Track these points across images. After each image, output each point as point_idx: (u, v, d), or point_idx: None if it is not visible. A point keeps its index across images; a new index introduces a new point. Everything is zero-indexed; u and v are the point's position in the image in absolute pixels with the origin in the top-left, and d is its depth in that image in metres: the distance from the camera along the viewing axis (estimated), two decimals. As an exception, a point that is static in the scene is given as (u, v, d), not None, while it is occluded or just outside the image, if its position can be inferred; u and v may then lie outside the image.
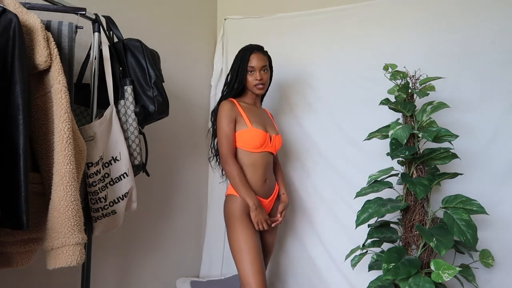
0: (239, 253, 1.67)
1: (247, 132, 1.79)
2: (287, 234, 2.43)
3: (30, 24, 1.10)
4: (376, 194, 1.76)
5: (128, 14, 1.96)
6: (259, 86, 1.86)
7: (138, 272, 2.03)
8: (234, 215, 1.74)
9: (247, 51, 1.88)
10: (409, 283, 1.51)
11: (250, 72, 1.85)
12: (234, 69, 1.89)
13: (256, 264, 1.64)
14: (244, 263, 1.65)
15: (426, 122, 1.72)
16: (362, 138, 1.90)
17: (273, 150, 1.89)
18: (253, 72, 1.85)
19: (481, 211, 1.54)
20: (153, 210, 2.14)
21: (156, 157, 2.02)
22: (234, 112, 1.81)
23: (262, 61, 1.87)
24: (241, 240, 1.69)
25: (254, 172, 1.80)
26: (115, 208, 1.42)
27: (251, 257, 1.65)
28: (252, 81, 1.86)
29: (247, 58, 1.85)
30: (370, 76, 2.17)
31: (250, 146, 1.80)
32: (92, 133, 1.32)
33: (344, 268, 2.13)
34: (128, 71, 1.49)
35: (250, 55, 1.86)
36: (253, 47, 1.90)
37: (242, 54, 1.88)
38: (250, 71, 1.85)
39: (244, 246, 1.67)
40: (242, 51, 1.90)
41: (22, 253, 1.14)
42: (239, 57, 1.88)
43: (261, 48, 1.92)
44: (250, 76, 1.86)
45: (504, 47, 2.01)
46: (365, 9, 2.33)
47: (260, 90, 1.89)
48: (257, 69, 1.85)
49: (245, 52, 1.87)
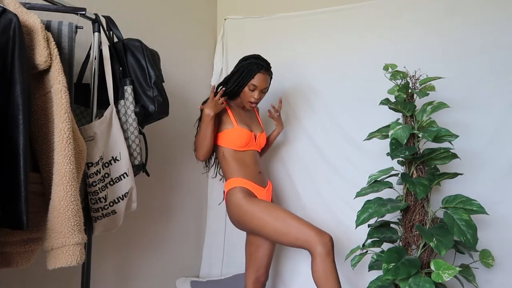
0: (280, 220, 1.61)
1: (232, 132, 1.81)
2: (287, 234, 2.43)
3: (30, 24, 1.10)
4: (376, 194, 1.76)
5: (128, 14, 1.96)
6: (253, 104, 1.87)
7: (138, 272, 2.03)
8: (241, 203, 1.72)
9: (255, 66, 1.82)
10: (409, 283, 1.51)
11: (250, 89, 1.84)
12: (236, 77, 1.85)
13: (300, 219, 1.62)
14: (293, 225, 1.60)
15: (426, 122, 1.72)
16: (362, 138, 1.90)
17: (258, 148, 1.92)
18: (253, 91, 1.84)
19: (481, 211, 1.54)
20: (153, 210, 2.14)
21: (156, 157, 2.02)
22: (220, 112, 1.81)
23: (265, 82, 1.85)
24: (267, 209, 1.65)
25: (247, 170, 1.82)
26: (115, 208, 1.42)
27: (292, 215, 1.62)
28: (248, 97, 1.85)
29: (252, 75, 1.81)
30: (370, 76, 2.17)
31: (236, 145, 1.82)
32: (92, 133, 1.32)
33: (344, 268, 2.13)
34: (128, 71, 1.49)
35: (256, 73, 1.82)
36: (262, 65, 1.84)
37: (248, 67, 1.83)
38: (251, 89, 1.84)
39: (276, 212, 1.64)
40: (249, 64, 1.83)
41: (22, 253, 1.14)
42: (244, 69, 1.83)
43: (269, 67, 1.88)
44: (249, 91, 1.84)
45: (504, 47, 2.01)
46: (365, 9, 2.33)
47: (251, 108, 1.90)
48: (258, 89, 1.83)
49: (253, 67, 1.82)
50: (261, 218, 1.65)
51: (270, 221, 1.62)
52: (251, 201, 1.72)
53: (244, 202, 1.71)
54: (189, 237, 2.48)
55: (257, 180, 1.83)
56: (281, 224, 1.60)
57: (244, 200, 1.72)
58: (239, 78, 1.83)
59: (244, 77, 1.82)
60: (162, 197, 2.23)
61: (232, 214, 1.78)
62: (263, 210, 1.66)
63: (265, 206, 1.68)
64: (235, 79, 1.85)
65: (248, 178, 1.80)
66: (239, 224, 1.78)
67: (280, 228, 1.60)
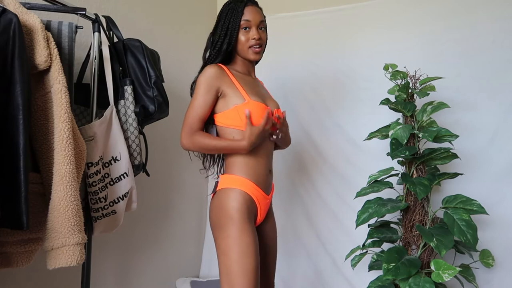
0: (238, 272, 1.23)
1: (245, 107, 1.35)
2: (287, 234, 2.43)
3: (30, 24, 1.10)
4: (376, 194, 1.76)
5: (128, 14, 1.96)
6: (256, 47, 1.41)
7: (138, 272, 2.03)
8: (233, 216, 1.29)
9: (239, 2, 1.41)
10: (409, 283, 1.51)
11: (244, 29, 1.40)
12: (221, 25, 1.42)
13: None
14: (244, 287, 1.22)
15: (426, 122, 1.72)
16: (362, 138, 1.90)
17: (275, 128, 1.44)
18: (248, 29, 1.40)
19: (481, 211, 1.54)
20: (153, 210, 2.14)
21: (156, 157, 2.02)
22: (219, 81, 1.37)
23: (259, 14, 1.43)
24: (237, 253, 1.24)
25: (256, 166, 1.38)
26: (115, 208, 1.42)
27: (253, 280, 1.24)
28: (246, 41, 1.40)
29: (240, 11, 1.40)
30: (370, 76, 2.17)
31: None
32: (92, 133, 1.32)
33: (344, 268, 2.13)
34: (128, 71, 1.49)
35: (244, 8, 1.40)
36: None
37: (232, 5, 1.42)
38: (244, 28, 1.40)
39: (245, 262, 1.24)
40: (231, 2, 1.43)
41: (22, 253, 1.14)
42: (229, 10, 1.42)
43: (255, 1, 1.48)
44: (244, 34, 1.40)
45: (504, 47, 2.01)
46: (365, 9, 2.34)
47: (257, 54, 1.43)
48: (253, 25, 1.40)
49: (237, 4, 1.41)
50: (230, 250, 1.26)
51: (234, 261, 1.25)
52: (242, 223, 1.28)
53: (235, 216, 1.29)
54: (189, 237, 2.48)
55: (264, 183, 1.40)
56: (237, 276, 1.24)
57: (236, 214, 1.29)
58: (226, 22, 1.41)
59: (231, 18, 1.40)
60: (162, 197, 2.23)
61: (213, 215, 1.36)
62: (239, 248, 1.25)
63: (247, 245, 1.26)
64: (222, 27, 1.42)
65: (254, 180, 1.36)
66: (212, 230, 1.36)
67: (232, 275, 1.24)
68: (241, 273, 1.23)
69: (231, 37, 1.41)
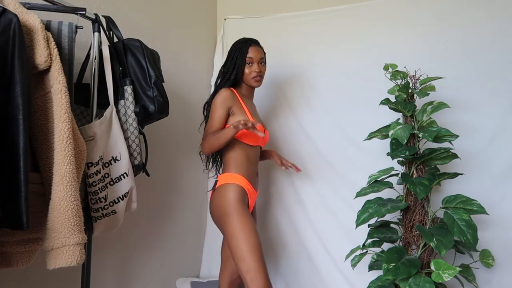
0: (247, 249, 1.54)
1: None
2: (287, 234, 2.43)
3: (30, 24, 1.10)
4: (376, 194, 1.76)
5: (128, 14, 1.96)
6: (257, 78, 1.82)
7: (138, 272, 2.03)
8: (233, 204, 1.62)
9: (244, 43, 1.84)
10: (409, 283, 1.51)
11: (248, 64, 1.81)
12: (230, 60, 1.84)
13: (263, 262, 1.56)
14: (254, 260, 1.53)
15: (426, 122, 1.72)
16: (362, 138, 1.90)
17: (263, 144, 1.88)
18: (251, 64, 1.81)
19: (481, 211, 1.54)
20: (153, 210, 2.14)
21: (156, 157, 2.02)
22: (232, 102, 1.73)
23: (260, 53, 1.85)
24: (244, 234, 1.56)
25: (248, 167, 1.75)
26: (115, 208, 1.42)
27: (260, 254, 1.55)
28: (250, 73, 1.82)
29: (245, 50, 1.82)
30: (370, 76, 2.17)
31: (250, 139, 1.74)
32: (92, 133, 1.32)
33: (344, 268, 2.13)
34: (128, 71, 1.49)
35: (248, 47, 1.82)
36: (250, 40, 1.87)
37: (239, 46, 1.84)
38: (248, 63, 1.81)
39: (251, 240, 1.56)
40: (239, 43, 1.86)
41: (22, 253, 1.14)
42: (236, 49, 1.84)
43: (257, 41, 1.90)
44: (248, 68, 1.81)
45: (504, 47, 2.01)
46: (365, 9, 2.34)
47: (257, 83, 1.84)
48: (255, 61, 1.82)
49: (243, 44, 1.84)
50: (237, 232, 1.59)
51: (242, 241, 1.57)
52: (242, 210, 1.62)
53: (235, 205, 1.63)
54: (189, 237, 2.48)
55: (254, 182, 1.78)
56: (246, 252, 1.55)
57: (236, 203, 1.63)
58: (235, 59, 1.82)
59: (238, 55, 1.82)
60: (162, 197, 2.23)
61: (216, 207, 1.68)
62: (244, 229, 1.58)
63: (250, 226, 1.59)
64: (231, 62, 1.83)
65: (247, 177, 1.72)
66: (217, 221, 1.70)
67: (242, 253, 1.56)
68: (250, 249, 1.55)
69: (238, 70, 1.82)
